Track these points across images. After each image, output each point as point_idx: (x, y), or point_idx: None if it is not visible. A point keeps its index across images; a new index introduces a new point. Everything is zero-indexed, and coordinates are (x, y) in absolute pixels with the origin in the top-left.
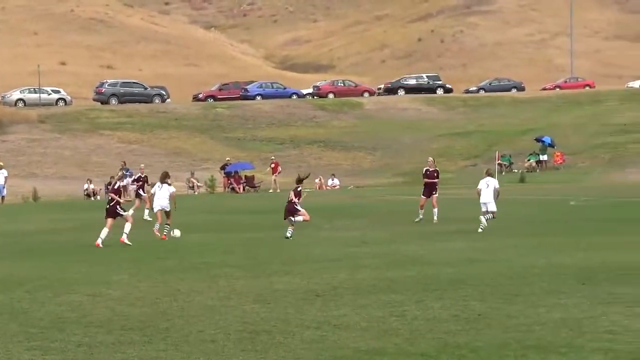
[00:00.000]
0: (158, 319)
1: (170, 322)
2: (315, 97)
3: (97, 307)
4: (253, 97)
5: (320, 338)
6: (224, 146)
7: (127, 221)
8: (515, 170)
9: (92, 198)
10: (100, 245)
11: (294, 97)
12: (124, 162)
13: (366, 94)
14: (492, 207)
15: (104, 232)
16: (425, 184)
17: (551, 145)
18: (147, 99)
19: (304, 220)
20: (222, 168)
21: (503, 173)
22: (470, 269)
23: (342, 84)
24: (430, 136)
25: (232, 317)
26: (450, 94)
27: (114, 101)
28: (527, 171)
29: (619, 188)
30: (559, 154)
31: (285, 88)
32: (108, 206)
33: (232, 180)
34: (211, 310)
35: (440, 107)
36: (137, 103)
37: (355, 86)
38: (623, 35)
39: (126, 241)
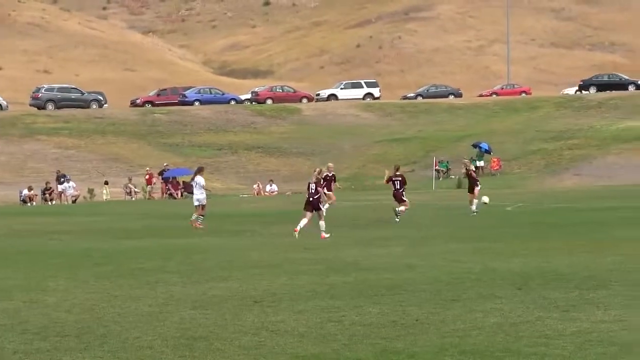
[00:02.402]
0: (95, 326)
1: (107, 329)
2: (253, 103)
3: (33, 314)
4: (191, 103)
5: (258, 344)
6: (162, 152)
7: None
8: (453, 176)
9: (29, 204)
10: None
11: (232, 102)
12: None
13: (305, 100)
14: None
15: None
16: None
17: (488, 152)
18: (84, 104)
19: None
20: (160, 174)
21: (440, 179)
22: (408, 275)
23: (281, 90)
24: (368, 142)
25: (169, 324)
26: (389, 100)
27: (50, 106)
28: (464, 177)
29: (554, 194)
30: (495, 160)
31: (223, 94)
32: None
33: (170, 185)
34: (149, 316)
35: (378, 113)
36: (74, 108)
37: (294, 92)
38: (559, 43)
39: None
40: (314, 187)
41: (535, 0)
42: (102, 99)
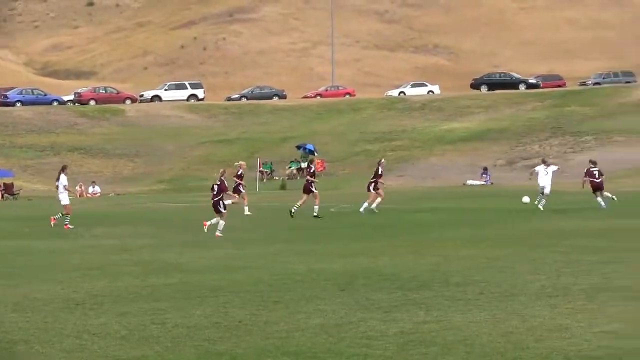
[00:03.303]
0: None
1: None
2: (76, 104)
3: None
4: (13, 104)
5: (80, 347)
6: None
7: None
8: (277, 178)
9: None
10: None
11: (55, 103)
12: None
13: (128, 101)
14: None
15: None
16: None
17: (312, 153)
18: None
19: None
20: None
21: (264, 180)
22: (232, 276)
23: (104, 91)
24: (192, 143)
25: None
26: (213, 102)
27: None
28: (288, 178)
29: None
30: (319, 161)
31: (46, 94)
32: None
33: None
34: None
35: (203, 114)
36: None
37: (117, 93)
38: (382, 45)
39: None
40: (216, 188)
41: (359, 3)
42: None
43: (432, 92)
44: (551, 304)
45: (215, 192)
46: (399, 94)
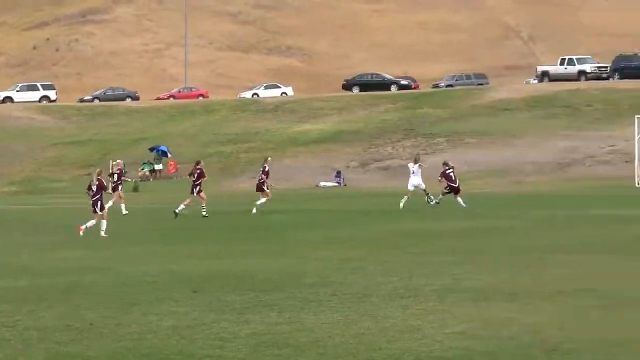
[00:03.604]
0: None
1: None
2: None
3: None
4: None
5: None
6: None
7: None
8: (129, 180)
9: None
10: None
11: None
12: None
13: None
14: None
15: None
16: None
17: (165, 155)
18: None
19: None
20: None
21: None
22: (84, 278)
23: None
24: (44, 145)
25: None
26: (65, 103)
27: None
28: (140, 180)
29: (231, 196)
30: (172, 163)
31: None
32: None
33: None
34: None
35: (55, 115)
36: None
37: None
38: (235, 46)
39: None
40: (94, 189)
41: (212, 4)
42: None
43: (286, 93)
44: (403, 305)
45: (94, 192)
46: (252, 96)
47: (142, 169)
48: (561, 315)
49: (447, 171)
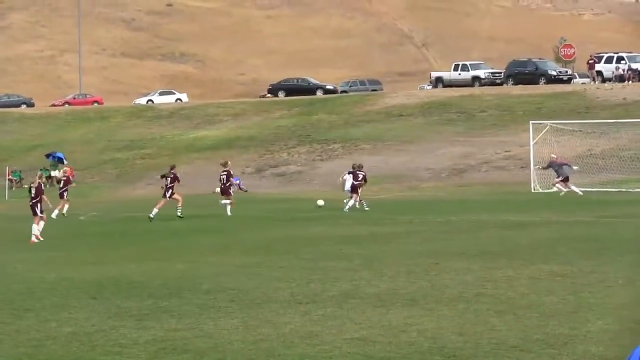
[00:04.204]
0: None
1: None
2: None
3: None
4: None
5: None
6: None
7: None
8: (26, 186)
9: None
10: None
11: None
12: None
13: None
14: None
15: None
16: None
17: (62, 161)
18: None
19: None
20: None
21: (13, 188)
22: None
23: None
24: None
25: None
26: None
27: None
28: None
29: (127, 203)
30: (69, 169)
31: None
32: None
33: None
34: None
35: None
36: None
37: None
38: (129, 53)
39: None
40: (34, 192)
41: (106, 11)
42: None
43: (180, 100)
44: (302, 311)
45: (33, 195)
46: (147, 102)
47: (43, 175)
48: (460, 320)
49: (357, 171)
